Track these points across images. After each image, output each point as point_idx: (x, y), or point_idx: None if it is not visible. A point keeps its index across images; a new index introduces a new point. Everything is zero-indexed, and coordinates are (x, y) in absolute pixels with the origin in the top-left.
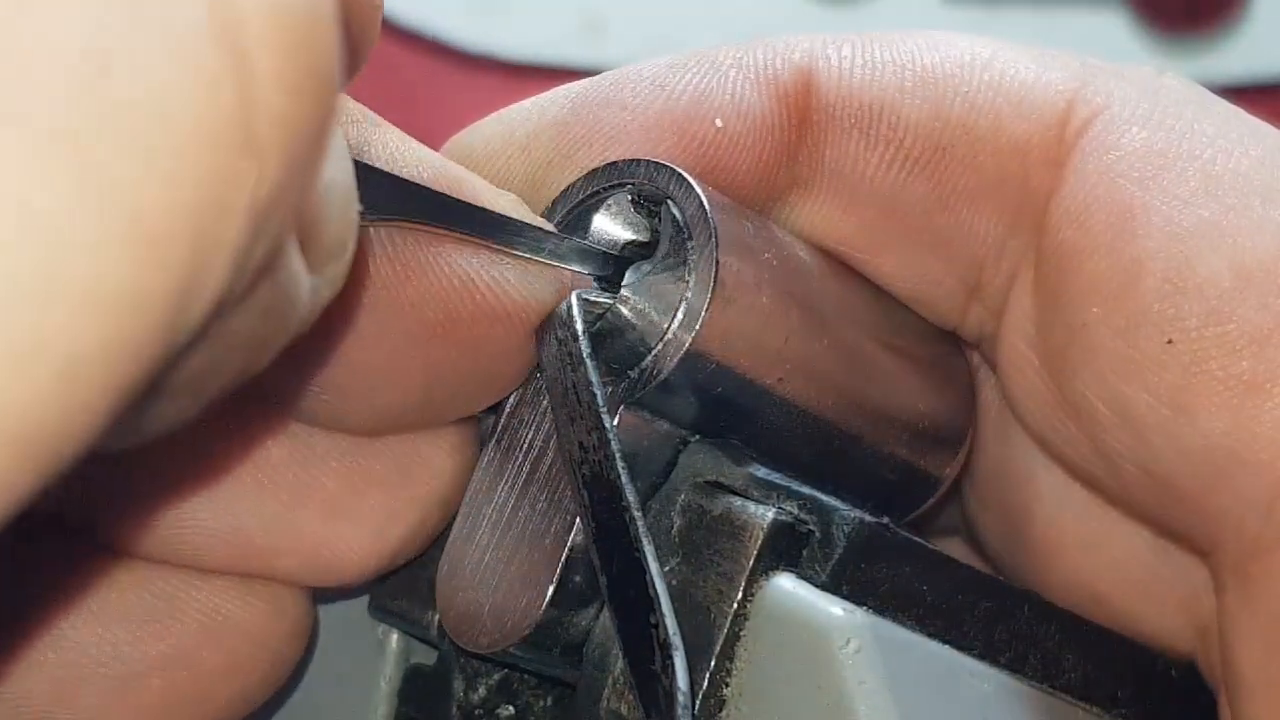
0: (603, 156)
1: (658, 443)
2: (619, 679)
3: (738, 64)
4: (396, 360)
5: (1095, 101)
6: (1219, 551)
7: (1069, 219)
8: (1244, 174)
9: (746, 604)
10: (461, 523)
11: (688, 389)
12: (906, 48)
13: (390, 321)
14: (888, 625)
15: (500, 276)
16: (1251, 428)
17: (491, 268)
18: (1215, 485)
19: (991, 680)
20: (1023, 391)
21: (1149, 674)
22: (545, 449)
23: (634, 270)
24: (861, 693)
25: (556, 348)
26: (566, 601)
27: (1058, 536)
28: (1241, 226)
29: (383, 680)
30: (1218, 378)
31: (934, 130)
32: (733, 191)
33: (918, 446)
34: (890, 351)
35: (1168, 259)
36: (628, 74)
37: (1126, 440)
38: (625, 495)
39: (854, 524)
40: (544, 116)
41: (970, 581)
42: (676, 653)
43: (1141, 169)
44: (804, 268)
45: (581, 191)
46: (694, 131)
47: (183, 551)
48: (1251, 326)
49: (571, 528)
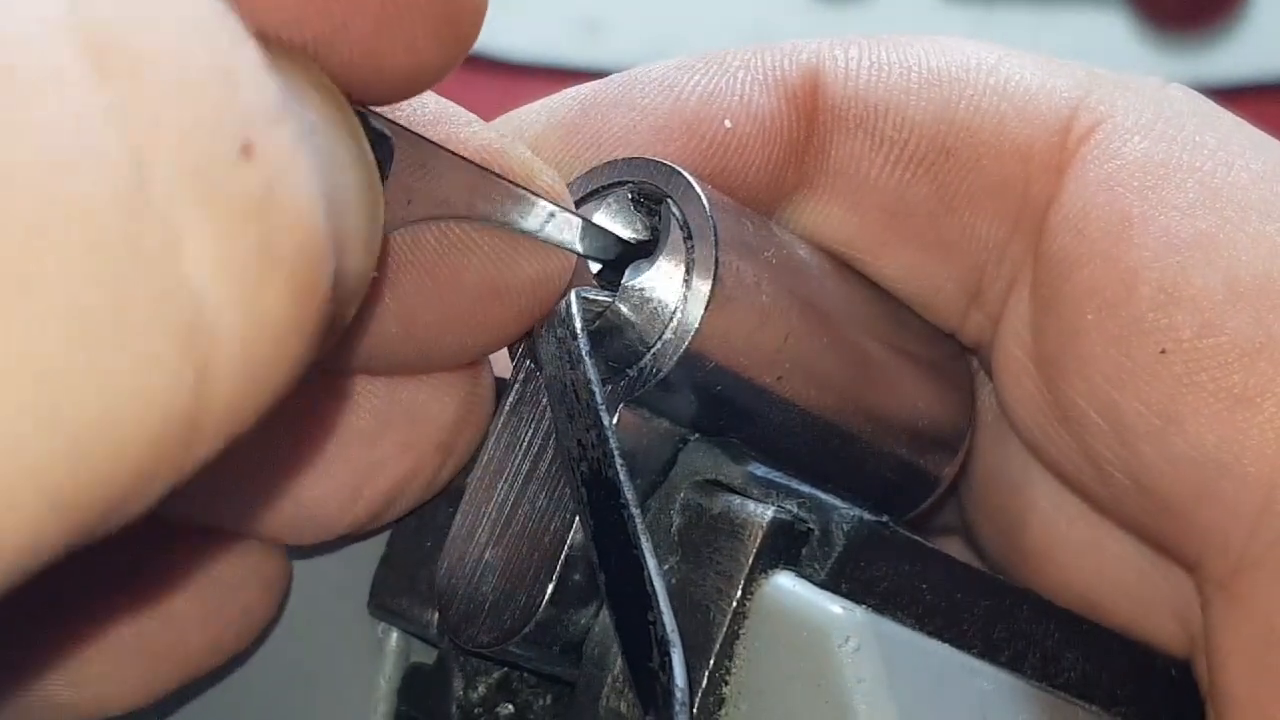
0: (612, 157)
1: (657, 441)
2: (618, 677)
3: (746, 65)
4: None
5: (1099, 110)
6: (1205, 565)
7: (1067, 226)
8: (1243, 188)
9: (746, 602)
10: (461, 521)
11: (687, 387)
12: (913, 51)
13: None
14: (887, 623)
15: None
16: (1240, 440)
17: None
18: (1203, 496)
19: (990, 678)
20: (1017, 397)
21: (1148, 673)
22: (544, 447)
23: (633, 268)
24: (860, 691)
25: (555, 346)
26: (566, 600)
27: (1051, 543)
28: (1237, 240)
29: (382, 679)
30: (1208, 389)
31: (938, 132)
32: (741, 192)
33: (917, 446)
34: (890, 351)
35: (1163, 269)
36: (636, 75)
37: (1117, 448)
38: (624, 493)
39: (853, 522)
40: (553, 117)
41: (969, 580)
42: (675, 650)
43: (1141, 179)
44: (804, 267)
45: (581, 190)
46: (703, 132)
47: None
48: (1243, 339)
49: (571, 526)
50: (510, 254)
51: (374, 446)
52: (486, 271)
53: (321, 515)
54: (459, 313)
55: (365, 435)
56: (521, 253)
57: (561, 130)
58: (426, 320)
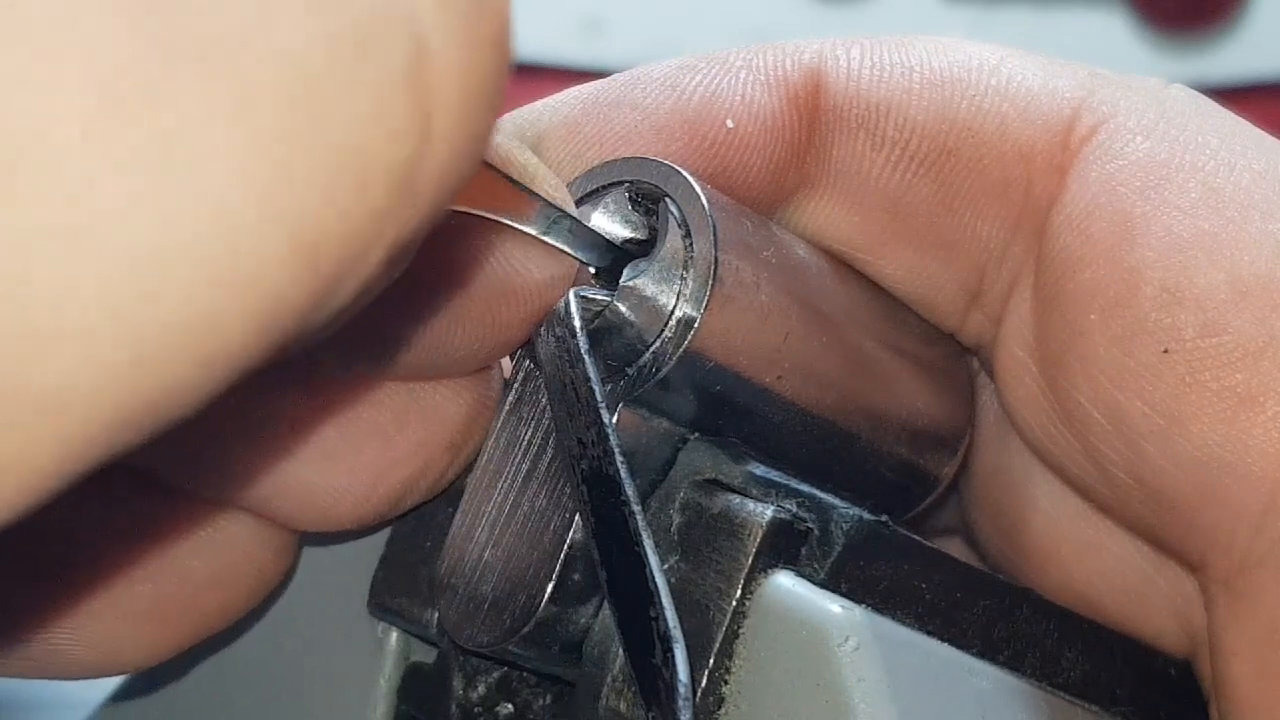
0: (614, 156)
1: (656, 441)
2: (618, 676)
3: (748, 65)
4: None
5: (1101, 110)
6: (1209, 565)
7: (1069, 226)
8: (1245, 187)
9: (745, 601)
10: (461, 520)
11: (686, 387)
12: (915, 51)
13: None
14: (886, 623)
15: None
16: (1244, 440)
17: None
18: (1206, 496)
19: (990, 678)
20: (1019, 398)
21: (1147, 672)
22: (544, 446)
23: (632, 267)
24: (860, 690)
25: (555, 345)
26: (566, 599)
27: (1052, 543)
28: (1240, 240)
29: (382, 678)
30: (1212, 389)
31: (940, 132)
32: (743, 191)
33: (916, 445)
34: (890, 351)
35: (1166, 269)
36: (638, 75)
37: (1120, 448)
38: (624, 490)
39: (853, 522)
40: (555, 116)
41: (969, 579)
42: (677, 645)
43: (1144, 179)
44: (804, 267)
45: (580, 190)
46: (705, 132)
47: (174, 483)
48: (1246, 339)
49: (571, 525)
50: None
51: (392, 444)
52: (496, 274)
53: (336, 508)
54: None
55: (385, 432)
56: (532, 256)
57: (563, 130)
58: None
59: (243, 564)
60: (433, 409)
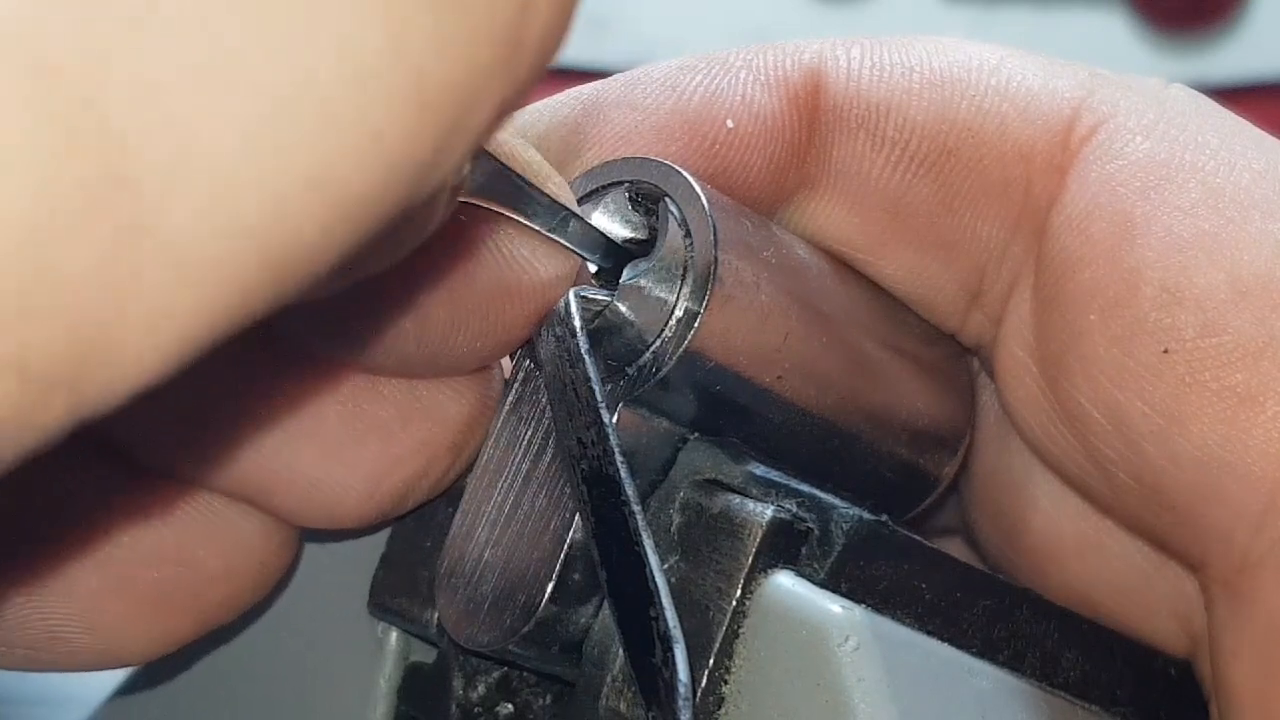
0: (614, 157)
1: (656, 440)
2: (618, 676)
3: (748, 65)
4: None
5: (1101, 110)
6: (1209, 565)
7: (1069, 226)
8: (1245, 187)
9: (745, 601)
10: (461, 520)
11: (686, 387)
12: (915, 51)
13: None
14: (886, 623)
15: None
16: (1244, 439)
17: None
18: (1206, 496)
19: (990, 678)
20: (1019, 398)
21: (1147, 672)
22: (544, 446)
23: (631, 267)
24: (860, 690)
25: (555, 345)
26: (566, 599)
27: (1052, 543)
28: (1240, 239)
29: (382, 678)
30: (1211, 389)
31: (940, 132)
32: (743, 192)
33: (917, 445)
34: (890, 351)
35: (1166, 269)
36: (639, 75)
37: (1120, 448)
38: (624, 489)
39: (853, 522)
40: (556, 116)
41: (969, 579)
42: (677, 645)
43: (1143, 179)
44: (804, 267)
45: (581, 189)
46: (705, 132)
47: (179, 471)
48: (1246, 339)
49: (571, 525)
50: (527, 254)
51: (395, 441)
52: (501, 270)
53: (340, 504)
54: (471, 313)
55: (388, 429)
56: (537, 253)
57: (564, 130)
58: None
59: (247, 557)
60: (435, 408)
